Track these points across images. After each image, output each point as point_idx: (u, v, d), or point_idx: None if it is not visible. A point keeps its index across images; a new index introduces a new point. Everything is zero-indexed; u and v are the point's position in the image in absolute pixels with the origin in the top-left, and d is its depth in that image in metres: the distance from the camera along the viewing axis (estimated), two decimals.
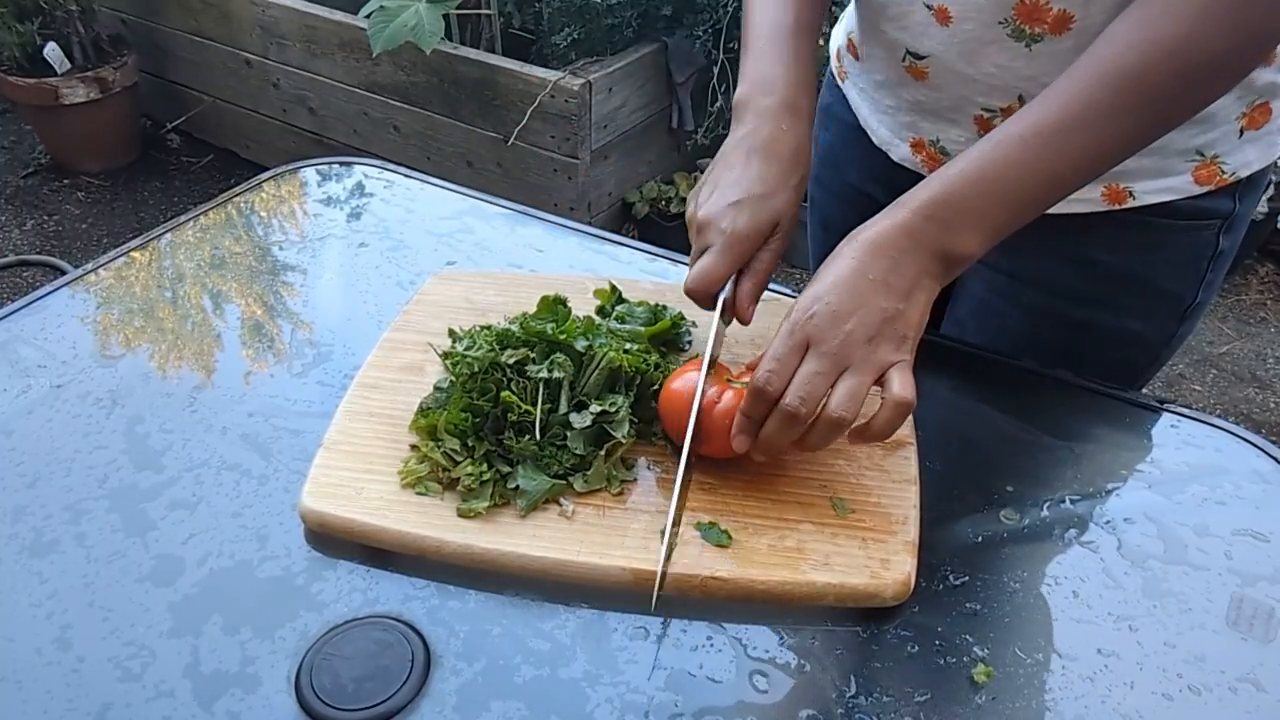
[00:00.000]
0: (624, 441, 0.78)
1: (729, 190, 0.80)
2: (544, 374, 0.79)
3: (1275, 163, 0.92)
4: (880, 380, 0.71)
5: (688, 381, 0.77)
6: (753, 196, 0.79)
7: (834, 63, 1.12)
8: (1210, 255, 0.94)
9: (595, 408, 0.78)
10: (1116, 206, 0.89)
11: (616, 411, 0.78)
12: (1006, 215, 0.74)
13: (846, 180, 1.12)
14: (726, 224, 0.78)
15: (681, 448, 0.75)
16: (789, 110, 0.83)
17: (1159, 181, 0.88)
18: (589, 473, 0.77)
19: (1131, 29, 0.71)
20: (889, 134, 1.01)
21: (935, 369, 0.76)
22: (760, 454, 0.75)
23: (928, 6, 0.87)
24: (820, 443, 0.72)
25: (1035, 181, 0.73)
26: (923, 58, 0.91)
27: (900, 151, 1.00)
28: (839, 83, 1.10)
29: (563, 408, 0.78)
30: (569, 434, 0.77)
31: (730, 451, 0.75)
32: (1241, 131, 0.87)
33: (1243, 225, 0.95)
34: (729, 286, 0.80)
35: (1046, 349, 0.97)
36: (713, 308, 0.80)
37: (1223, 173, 0.88)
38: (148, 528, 0.76)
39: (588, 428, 0.77)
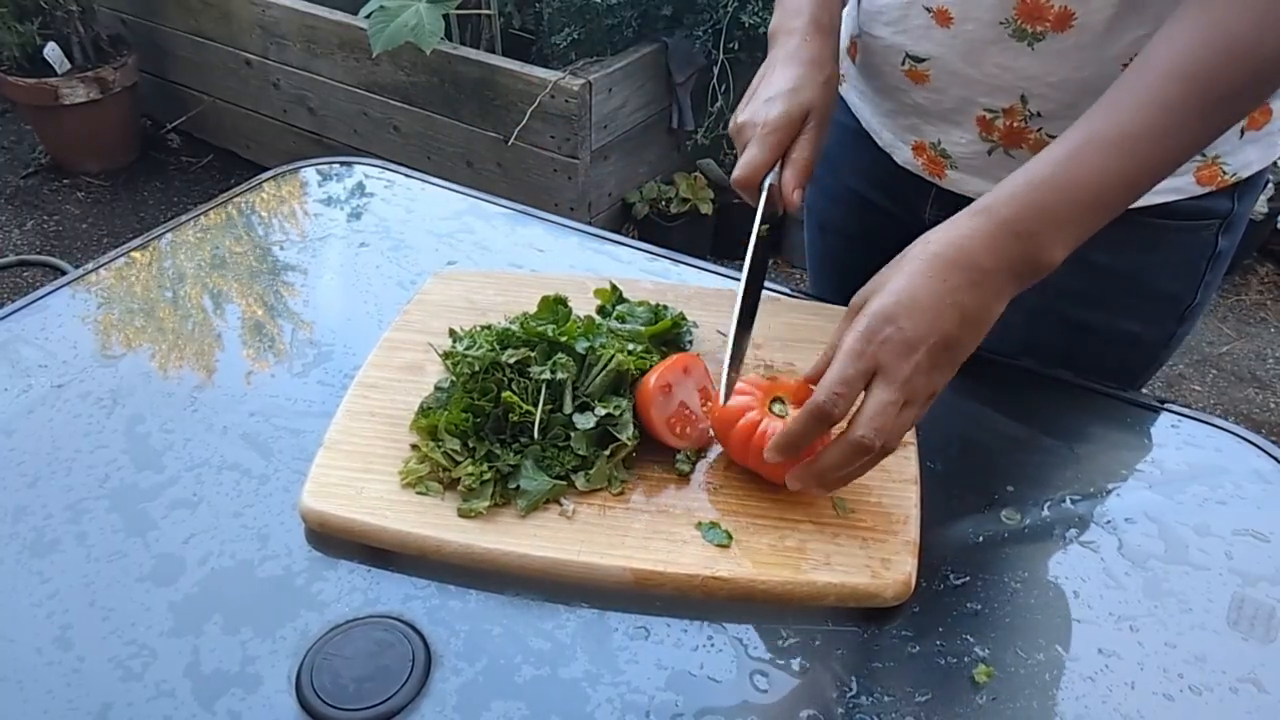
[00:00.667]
0: (628, 443, 0.78)
1: (762, 93, 0.87)
2: (546, 375, 0.79)
3: (1275, 163, 0.91)
4: None
5: (658, 374, 0.79)
6: (783, 93, 0.85)
7: None
8: (1209, 255, 0.94)
9: (600, 410, 0.78)
10: None
11: (620, 414, 0.78)
12: (1090, 224, 0.71)
13: (844, 183, 1.11)
14: (761, 117, 0.85)
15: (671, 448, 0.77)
16: (814, 27, 0.89)
17: (1163, 182, 0.88)
18: (591, 471, 0.77)
19: (1201, 25, 0.70)
20: (892, 137, 1.01)
21: None
22: (800, 482, 0.71)
23: (927, 9, 0.87)
24: (860, 473, 0.71)
25: (1118, 188, 0.71)
26: (923, 60, 0.91)
27: (903, 154, 1.00)
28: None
29: (566, 408, 0.78)
30: (573, 435, 0.77)
31: (766, 468, 0.74)
32: (1242, 132, 0.87)
33: (1241, 225, 0.94)
34: (773, 176, 0.85)
35: (1045, 350, 0.97)
36: (759, 198, 0.85)
37: (1224, 173, 0.88)
38: (148, 527, 0.76)
39: (592, 429, 0.78)
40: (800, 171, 0.85)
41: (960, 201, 0.96)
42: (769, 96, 0.86)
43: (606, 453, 0.78)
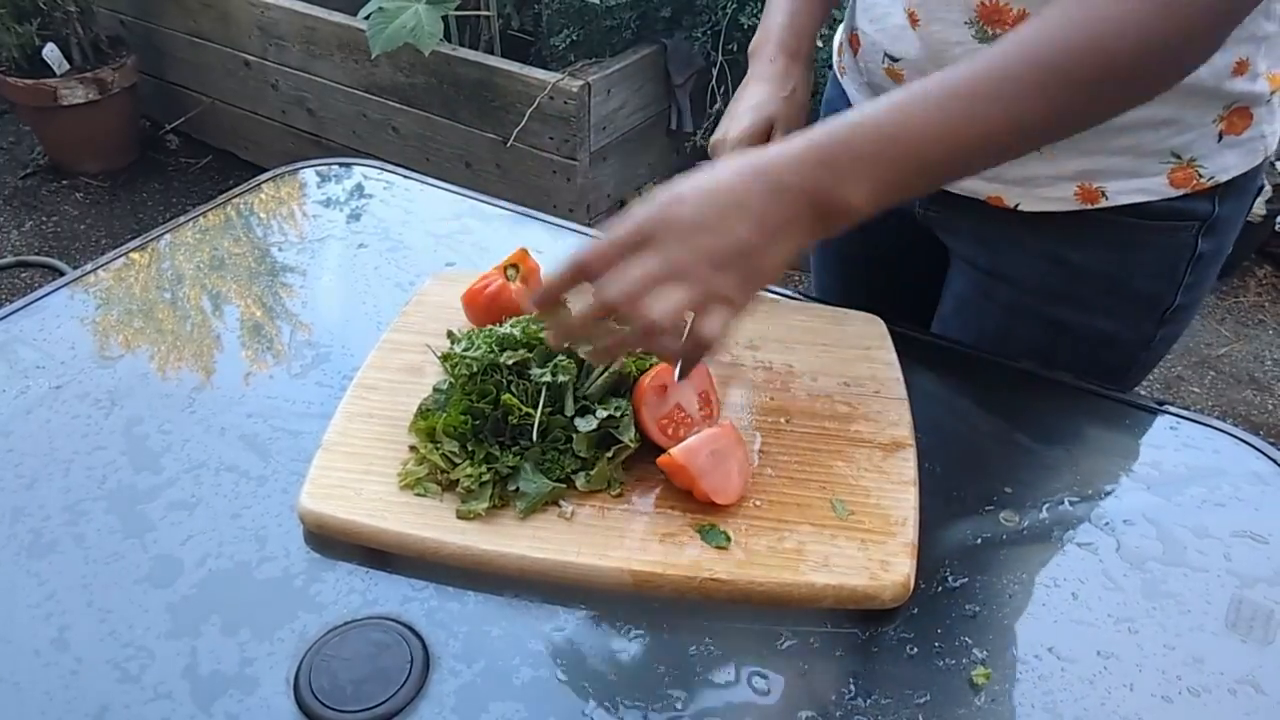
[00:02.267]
0: (631, 445, 0.78)
1: (732, 112, 0.99)
2: (546, 378, 0.79)
3: (1274, 165, 0.91)
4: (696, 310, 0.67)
5: (654, 374, 0.80)
6: (749, 108, 0.97)
7: (835, 58, 1.12)
8: (1189, 258, 0.93)
9: (601, 412, 0.78)
10: (1089, 206, 0.89)
11: (621, 415, 0.78)
12: (899, 173, 0.69)
13: None
14: (731, 134, 0.96)
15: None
16: (784, 50, 1.01)
17: (1132, 182, 0.87)
18: (592, 472, 0.77)
19: (1065, 7, 0.68)
20: None
21: (935, 371, 0.76)
22: (557, 337, 0.72)
23: (905, 10, 0.88)
24: (611, 354, 0.72)
25: (936, 144, 0.68)
26: (898, 60, 0.92)
27: None
28: (840, 78, 1.10)
29: (568, 410, 0.78)
30: (574, 437, 0.77)
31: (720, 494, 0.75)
32: (1220, 136, 0.86)
33: (1226, 228, 0.93)
34: None
35: (1022, 346, 0.97)
36: None
37: (1200, 176, 0.87)
38: (146, 529, 0.76)
39: (594, 431, 0.77)
40: None
41: (946, 195, 0.97)
42: (736, 114, 0.97)
43: (609, 454, 0.78)
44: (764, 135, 0.96)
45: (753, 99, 0.98)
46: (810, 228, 0.68)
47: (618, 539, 0.73)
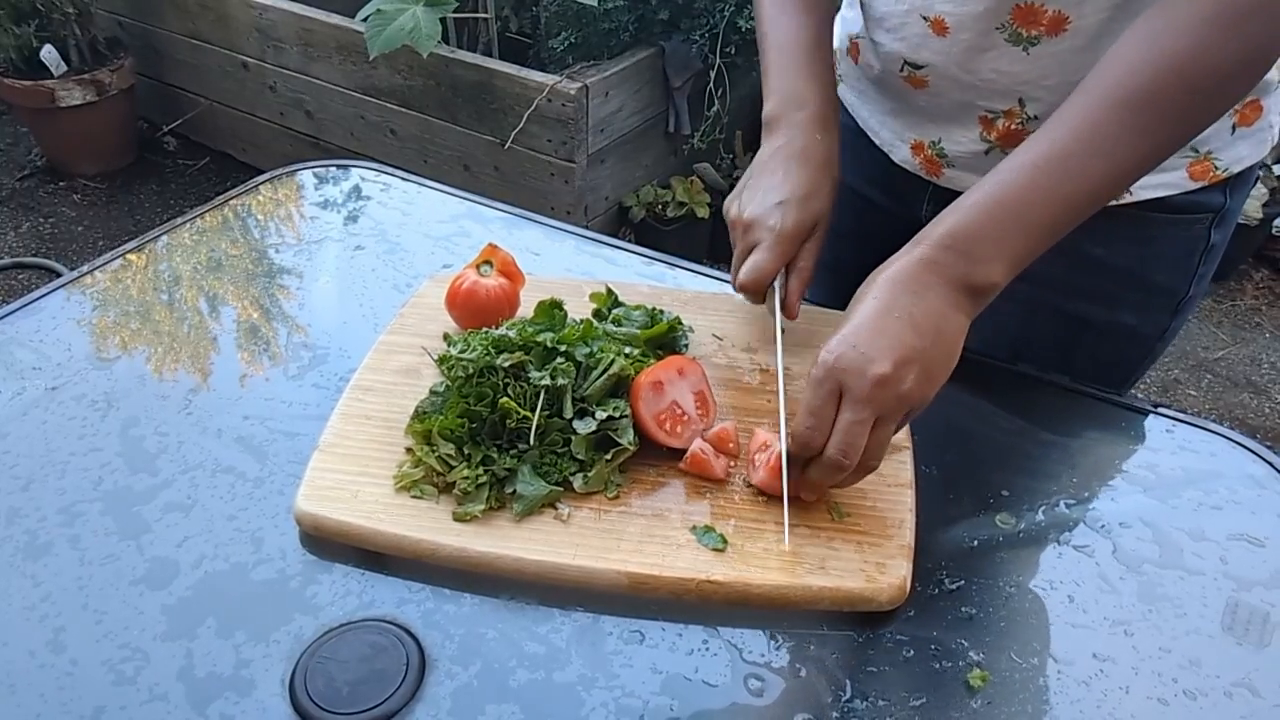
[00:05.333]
0: (630, 448, 0.78)
1: (772, 193, 0.86)
2: (545, 380, 0.78)
3: (1269, 166, 0.92)
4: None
5: (650, 371, 0.80)
6: (795, 198, 0.86)
7: None
8: (1202, 249, 0.95)
9: (600, 413, 0.78)
10: (1112, 202, 0.90)
11: (620, 416, 0.78)
12: (1025, 241, 0.74)
13: (841, 181, 1.12)
14: (774, 222, 0.85)
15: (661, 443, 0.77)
16: (820, 123, 0.90)
17: (1154, 178, 0.89)
18: (590, 474, 0.77)
19: (1139, 46, 0.72)
20: (891, 136, 1.02)
21: None
22: (808, 494, 0.75)
23: (924, 18, 0.88)
24: (850, 483, 0.74)
25: (1052, 207, 0.73)
26: (921, 67, 0.91)
27: (901, 153, 1.01)
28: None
29: (566, 413, 0.78)
30: (572, 439, 0.77)
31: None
32: (1234, 128, 0.88)
33: (1233, 219, 0.96)
34: (778, 282, 0.87)
35: (1041, 344, 0.98)
36: (763, 301, 0.88)
37: (1216, 169, 0.89)
38: (142, 530, 0.76)
39: (592, 433, 0.77)
40: (805, 281, 0.88)
41: (956, 198, 0.97)
42: (781, 200, 0.85)
43: (607, 456, 0.78)
44: (809, 233, 0.87)
45: (800, 186, 0.86)
46: (964, 308, 0.74)
47: (614, 541, 0.73)
